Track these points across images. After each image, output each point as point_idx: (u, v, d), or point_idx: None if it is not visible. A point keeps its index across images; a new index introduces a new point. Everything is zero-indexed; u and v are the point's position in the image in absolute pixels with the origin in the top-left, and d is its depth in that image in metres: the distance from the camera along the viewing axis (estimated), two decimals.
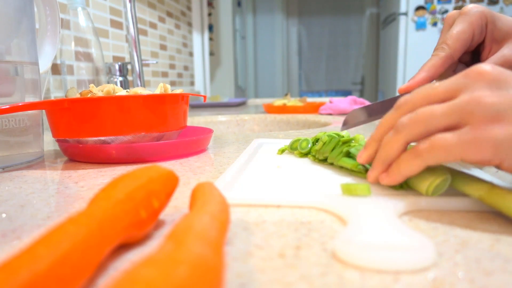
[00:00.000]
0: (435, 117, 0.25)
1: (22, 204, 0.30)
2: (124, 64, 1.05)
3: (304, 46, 4.45)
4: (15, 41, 0.45)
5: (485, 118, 0.23)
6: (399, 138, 0.27)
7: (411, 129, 0.26)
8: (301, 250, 0.21)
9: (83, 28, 0.86)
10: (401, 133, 0.27)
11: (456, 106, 0.24)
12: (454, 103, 0.25)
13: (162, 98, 0.47)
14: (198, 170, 0.41)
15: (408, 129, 0.26)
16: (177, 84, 1.79)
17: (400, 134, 0.27)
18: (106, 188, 0.22)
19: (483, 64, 0.25)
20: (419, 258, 0.18)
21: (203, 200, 0.22)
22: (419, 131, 0.26)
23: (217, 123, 1.10)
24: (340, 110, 1.10)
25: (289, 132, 0.72)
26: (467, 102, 0.24)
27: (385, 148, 0.28)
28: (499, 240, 0.22)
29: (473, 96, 0.24)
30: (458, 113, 0.24)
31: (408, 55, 2.77)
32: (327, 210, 0.27)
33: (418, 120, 0.26)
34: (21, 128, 0.46)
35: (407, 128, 0.26)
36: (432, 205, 0.27)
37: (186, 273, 0.13)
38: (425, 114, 0.26)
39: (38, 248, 0.15)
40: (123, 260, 0.20)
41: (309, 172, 0.37)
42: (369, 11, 4.12)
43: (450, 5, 2.72)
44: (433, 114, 0.25)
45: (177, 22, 1.80)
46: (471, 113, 0.24)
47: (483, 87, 0.24)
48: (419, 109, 0.26)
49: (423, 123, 0.26)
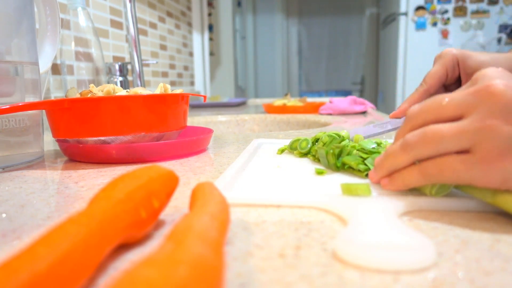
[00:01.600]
0: (445, 139, 0.25)
1: (22, 204, 0.30)
2: (124, 64, 1.05)
3: (304, 46, 4.45)
4: (15, 41, 0.45)
5: (496, 149, 0.23)
6: (407, 157, 0.28)
7: (420, 149, 0.27)
8: (301, 250, 0.21)
9: (83, 28, 0.86)
10: (410, 152, 0.27)
11: (467, 132, 0.24)
12: (465, 128, 0.25)
13: (162, 98, 0.47)
14: (198, 170, 0.41)
15: (417, 150, 0.27)
16: (177, 84, 1.79)
17: (409, 154, 0.27)
18: (106, 188, 0.22)
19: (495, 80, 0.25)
20: (419, 258, 0.18)
21: (203, 200, 0.22)
22: (427, 152, 0.26)
23: (217, 123, 1.10)
24: (340, 110, 1.10)
25: (289, 132, 0.72)
26: (479, 129, 0.24)
27: (391, 159, 0.29)
28: (499, 240, 0.22)
29: (486, 125, 0.24)
30: (469, 139, 0.24)
31: (408, 55, 2.77)
32: (327, 210, 0.27)
33: (427, 141, 0.26)
34: (21, 128, 0.46)
35: (416, 148, 0.27)
36: (432, 205, 0.27)
37: (186, 273, 0.13)
38: (435, 135, 0.26)
39: (38, 248, 0.15)
40: (123, 260, 0.20)
41: (309, 172, 0.37)
42: (369, 11, 4.12)
43: (450, 5, 2.72)
44: (443, 136, 0.25)
45: (177, 22, 1.80)
46: (482, 142, 0.24)
47: (495, 113, 0.24)
48: (428, 128, 0.26)
49: (433, 145, 0.26)
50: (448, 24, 2.73)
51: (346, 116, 1.05)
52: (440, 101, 0.27)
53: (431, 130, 0.26)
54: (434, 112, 0.27)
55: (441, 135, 0.25)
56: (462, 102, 0.25)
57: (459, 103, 0.25)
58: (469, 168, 0.24)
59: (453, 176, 0.25)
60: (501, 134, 0.23)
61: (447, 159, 0.25)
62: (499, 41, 2.70)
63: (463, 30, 2.72)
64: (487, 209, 0.26)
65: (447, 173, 0.25)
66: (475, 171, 0.24)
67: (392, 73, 3.00)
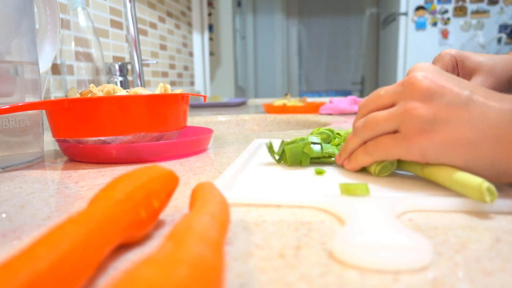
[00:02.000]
0: (379, 123, 0.32)
1: (22, 204, 0.30)
2: (124, 64, 1.05)
3: (304, 46, 4.45)
4: (15, 41, 0.45)
5: (414, 128, 0.29)
6: (357, 140, 0.35)
7: (364, 132, 0.33)
8: (301, 250, 0.21)
9: (83, 28, 0.86)
10: (358, 136, 0.34)
11: (393, 115, 0.30)
12: (392, 112, 0.31)
13: (162, 98, 0.47)
14: (198, 170, 0.41)
15: (362, 133, 0.34)
16: (177, 84, 1.79)
17: (357, 137, 0.34)
18: (106, 188, 0.22)
19: (417, 72, 0.30)
20: (416, 258, 0.18)
21: (203, 200, 0.22)
22: (368, 134, 0.33)
23: (217, 123, 1.10)
24: (340, 110, 1.10)
25: (289, 132, 0.72)
26: (401, 112, 0.30)
27: (347, 144, 0.36)
28: (499, 240, 0.22)
29: (407, 108, 0.29)
30: (395, 121, 0.30)
31: (408, 55, 2.77)
32: (326, 210, 0.27)
33: (367, 126, 0.33)
34: (21, 128, 0.46)
35: (361, 132, 0.34)
36: (432, 205, 0.27)
37: (186, 273, 0.13)
38: (372, 120, 0.32)
39: (38, 248, 0.15)
40: (123, 260, 0.20)
41: (308, 172, 0.37)
42: (369, 11, 4.12)
43: (450, 5, 2.72)
44: (378, 121, 0.32)
45: (177, 22, 1.80)
46: (404, 122, 0.29)
47: (415, 98, 0.29)
48: (369, 115, 0.33)
49: (371, 128, 0.33)
50: (448, 24, 2.73)
51: (346, 116, 1.05)
52: (378, 92, 0.34)
53: (370, 117, 0.33)
54: (374, 102, 0.33)
55: (377, 120, 0.32)
56: (393, 92, 0.32)
57: (391, 93, 0.32)
58: (397, 145, 0.30)
59: (386, 152, 0.31)
60: (418, 115, 0.29)
61: (382, 138, 0.32)
62: (499, 41, 2.70)
63: (463, 30, 2.72)
64: (487, 209, 0.26)
65: (381, 149, 0.32)
66: (401, 147, 0.30)
67: (392, 73, 3.00)
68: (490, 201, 0.25)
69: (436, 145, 0.28)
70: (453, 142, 0.28)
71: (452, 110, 0.28)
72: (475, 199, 0.26)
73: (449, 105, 0.28)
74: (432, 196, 0.28)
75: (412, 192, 0.29)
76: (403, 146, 0.30)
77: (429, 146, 0.29)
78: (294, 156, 0.39)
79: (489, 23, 2.69)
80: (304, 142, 0.39)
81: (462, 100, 0.28)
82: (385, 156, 0.32)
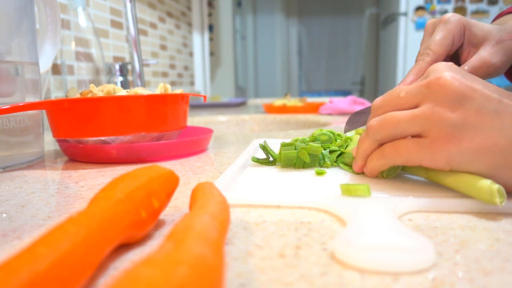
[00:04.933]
0: (400, 123, 0.29)
1: (23, 204, 0.30)
2: (124, 64, 1.05)
3: (304, 46, 4.45)
4: (16, 41, 0.45)
5: (442, 134, 0.27)
6: (370, 140, 0.32)
7: (380, 132, 0.30)
8: (301, 250, 0.21)
9: (83, 28, 0.86)
10: (372, 136, 0.31)
11: (418, 117, 0.28)
12: (418, 114, 0.28)
13: (162, 98, 0.47)
14: (198, 170, 0.41)
15: (377, 133, 0.31)
16: (177, 84, 1.79)
17: (371, 137, 0.31)
18: (106, 188, 0.22)
19: (445, 73, 0.28)
20: (418, 259, 0.18)
21: (203, 200, 0.22)
22: (386, 134, 0.30)
23: (217, 123, 1.10)
24: (340, 110, 1.10)
25: (289, 132, 0.72)
26: (428, 116, 0.27)
27: (360, 146, 0.34)
28: (499, 240, 0.22)
29: (435, 112, 0.27)
30: (421, 125, 0.28)
31: (408, 55, 2.77)
32: (327, 210, 0.27)
33: (385, 125, 0.30)
34: (21, 128, 0.46)
35: (377, 132, 0.31)
36: (432, 206, 0.27)
37: (186, 273, 0.13)
38: (392, 119, 0.29)
39: (38, 248, 0.15)
40: (123, 260, 0.20)
41: (308, 173, 0.37)
42: (369, 11, 4.12)
43: (450, 5, 2.72)
44: (399, 121, 0.29)
45: (177, 22, 1.80)
46: (431, 127, 0.27)
47: (444, 102, 0.27)
48: (387, 114, 0.30)
49: (390, 128, 0.30)
50: None
51: (346, 116, 1.05)
52: (398, 93, 0.30)
53: (389, 115, 0.30)
54: (393, 103, 0.30)
55: (398, 119, 0.29)
56: (417, 93, 0.29)
57: (414, 94, 0.29)
58: (420, 150, 0.28)
59: (407, 156, 0.29)
60: (447, 121, 0.27)
61: (402, 141, 0.29)
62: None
63: None
64: (487, 209, 0.26)
65: (402, 153, 0.29)
66: (425, 153, 0.28)
67: (392, 73, 3.00)
68: (500, 203, 0.24)
69: (465, 152, 0.26)
70: (483, 150, 0.26)
71: (483, 116, 0.26)
72: (485, 201, 0.25)
73: (479, 111, 0.26)
74: (434, 197, 0.28)
75: (413, 193, 0.29)
76: (428, 153, 0.28)
77: (457, 154, 0.27)
78: (288, 160, 0.39)
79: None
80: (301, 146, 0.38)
81: (492, 105, 0.26)
82: (405, 161, 0.29)
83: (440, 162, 0.27)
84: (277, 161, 0.40)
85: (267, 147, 0.41)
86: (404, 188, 0.30)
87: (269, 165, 0.41)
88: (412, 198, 0.27)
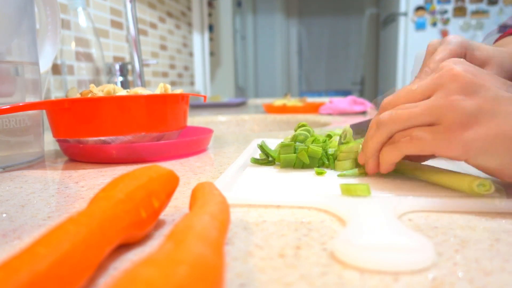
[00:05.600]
0: (413, 114, 0.28)
1: (23, 204, 0.30)
2: (125, 64, 1.05)
3: (304, 46, 4.45)
4: (16, 41, 0.45)
5: (457, 121, 0.26)
6: (382, 133, 0.31)
7: (392, 125, 0.30)
8: (301, 250, 0.21)
9: (83, 28, 0.86)
10: (383, 129, 0.30)
11: (431, 107, 0.28)
12: (430, 103, 0.28)
13: (162, 98, 0.47)
14: (198, 170, 0.41)
15: (389, 126, 0.30)
16: (177, 84, 1.79)
17: (382, 130, 0.31)
18: (106, 188, 0.22)
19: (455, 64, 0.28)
20: (418, 259, 0.18)
21: (203, 200, 0.22)
22: (398, 127, 0.29)
23: (217, 123, 1.10)
24: (340, 110, 1.10)
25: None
26: (442, 104, 0.27)
27: (368, 144, 0.32)
28: (499, 240, 0.22)
29: (448, 100, 0.27)
30: (434, 114, 0.27)
31: (408, 55, 2.77)
32: (327, 210, 0.27)
33: (397, 117, 0.29)
34: (21, 128, 0.46)
35: (388, 124, 0.30)
36: (432, 206, 0.27)
37: (186, 273, 0.13)
38: (404, 111, 0.29)
39: (38, 248, 0.15)
40: (123, 260, 0.20)
41: (308, 172, 0.37)
42: (369, 11, 4.12)
43: (450, 5, 2.72)
44: (411, 111, 0.29)
45: (177, 22, 1.80)
46: (445, 115, 0.27)
47: (457, 90, 0.27)
48: (398, 107, 0.30)
49: (403, 120, 0.29)
50: (448, 24, 2.73)
51: (346, 116, 1.05)
52: (410, 87, 0.30)
53: (401, 108, 0.30)
54: (405, 97, 0.30)
55: (410, 111, 0.29)
56: (429, 84, 0.29)
57: (427, 86, 0.29)
58: (435, 138, 0.27)
59: (421, 145, 0.28)
60: (462, 108, 0.26)
61: (415, 129, 0.28)
62: None
63: (463, 30, 2.72)
64: (487, 209, 0.26)
65: (416, 143, 0.28)
66: (440, 140, 0.27)
67: (392, 73, 3.00)
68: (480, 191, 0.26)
69: (482, 139, 0.26)
70: (500, 136, 0.26)
71: (499, 103, 0.26)
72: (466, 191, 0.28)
73: (495, 98, 0.26)
74: (434, 197, 0.28)
75: (413, 193, 0.29)
76: (444, 140, 0.27)
77: (474, 140, 0.26)
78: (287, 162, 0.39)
79: (489, 24, 2.69)
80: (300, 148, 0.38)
81: (506, 93, 0.27)
82: (418, 150, 0.29)
83: (456, 150, 0.27)
84: (276, 160, 0.40)
85: (265, 147, 0.41)
86: (404, 188, 0.31)
87: (268, 165, 0.41)
88: (412, 197, 0.27)
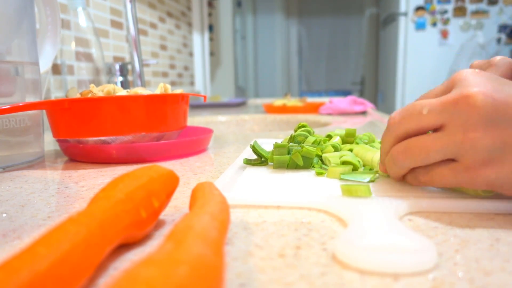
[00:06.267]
0: (430, 153, 0.26)
1: (23, 204, 0.30)
2: (125, 64, 1.05)
3: (304, 46, 4.45)
4: (16, 41, 0.45)
5: (478, 160, 0.24)
6: (398, 170, 0.30)
7: (408, 163, 0.28)
8: (301, 250, 0.21)
9: (83, 28, 0.86)
10: (400, 166, 0.29)
11: (448, 144, 0.25)
12: (446, 140, 0.25)
13: (162, 98, 0.47)
14: (198, 170, 0.41)
15: (405, 164, 0.28)
16: (177, 84, 1.79)
17: (399, 167, 0.29)
18: (106, 188, 0.22)
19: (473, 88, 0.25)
20: (419, 260, 0.18)
21: (203, 200, 0.22)
22: (415, 165, 0.28)
23: (217, 123, 1.10)
24: (340, 110, 1.10)
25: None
26: (461, 142, 0.25)
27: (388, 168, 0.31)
28: (499, 240, 0.22)
29: (467, 138, 0.24)
30: (453, 151, 0.25)
31: (408, 55, 2.77)
32: (327, 211, 0.27)
33: (413, 156, 0.27)
34: (21, 128, 0.46)
35: (404, 163, 0.28)
36: (433, 206, 0.27)
37: (186, 273, 0.13)
38: (421, 150, 0.27)
39: (38, 248, 0.15)
40: (123, 260, 0.20)
41: (309, 173, 0.37)
42: (369, 11, 4.12)
43: (450, 5, 2.72)
44: (428, 150, 0.26)
45: (177, 22, 1.80)
46: (465, 154, 0.25)
47: (475, 124, 0.24)
48: (412, 142, 0.27)
49: (420, 159, 0.27)
50: (448, 24, 2.73)
51: (346, 116, 1.05)
52: (420, 109, 0.27)
53: (416, 145, 0.27)
54: (415, 121, 0.27)
55: (427, 149, 0.26)
56: (442, 112, 0.26)
57: (439, 113, 0.26)
58: (456, 175, 0.26)
59: (443, 182, 0.27)
60: (481, 146, 0.24)
61: (436, 168, 0.27)
62: (499, 41, 2.70)
63: (463, 30, 2.72)
64: (487, 209, 0.26)
65: (437, 179, 0.27)
66: (462, 177, 0.26)
67: (392, 73, 3.00)
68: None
69: (507, 175, 0.24)
70: None
71: None
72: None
73: None
74: (434, 197, 0.28)
75: (414, 194, 0.29)
76: (465, 177, 0.25)
77: (498, 177, 0.24)
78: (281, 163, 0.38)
79: (489, 24, 2.69)
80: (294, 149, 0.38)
81: None
82: (440, 185, 0.28)
83: (480, 185, 0.25)
84: (269, 160, 0.40)
85: (257, 147, 0.40)
86: (404, 189, 0.30)
87: (261, 166, 0.40)
88: (413, 198, 0.27)
